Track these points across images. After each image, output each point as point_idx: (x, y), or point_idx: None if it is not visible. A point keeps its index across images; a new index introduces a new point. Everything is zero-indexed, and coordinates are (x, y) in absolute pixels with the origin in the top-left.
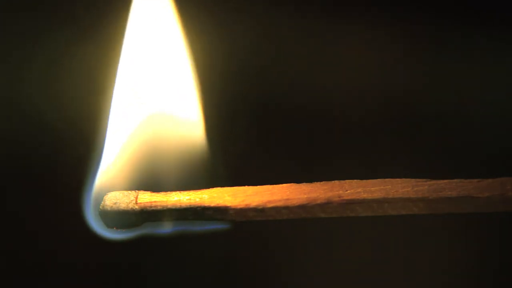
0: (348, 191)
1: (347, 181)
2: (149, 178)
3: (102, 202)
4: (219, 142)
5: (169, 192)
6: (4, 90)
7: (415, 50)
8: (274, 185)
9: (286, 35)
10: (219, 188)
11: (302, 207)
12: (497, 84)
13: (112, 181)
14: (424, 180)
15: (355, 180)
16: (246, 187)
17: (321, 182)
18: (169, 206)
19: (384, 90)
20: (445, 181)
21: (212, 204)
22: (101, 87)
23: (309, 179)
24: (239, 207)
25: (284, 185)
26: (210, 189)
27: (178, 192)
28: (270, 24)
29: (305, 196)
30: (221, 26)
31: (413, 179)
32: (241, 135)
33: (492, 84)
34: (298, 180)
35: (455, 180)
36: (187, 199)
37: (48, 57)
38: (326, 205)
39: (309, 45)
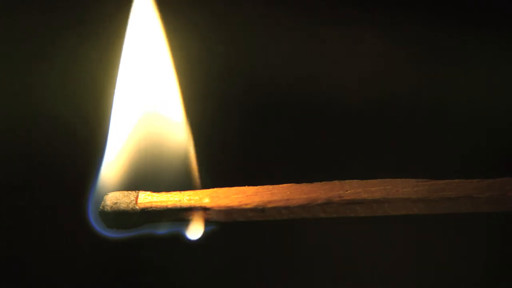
0: (348, 191)
1: (347, 181)
2: (146, 179)
3: (102, 202)
4: (218, 142)
5: (169, 192)
6: (7, 93)
7: (416, 50)
8: (274, 185)
9: (284, 35)
10: (219, 188)
11: (302, 207)
12: (497, 84)
13: (111, 181)
14: (424, 180)
15: (355, 180)
16: (246, 187)
17: (321, 182)
18: (169, 206)
19: (384, 90)
20: (445, 181)
21: (213, 204)
22: (102, 89)
23: (309, 179)
24: (239, 207)
25: (284, 185)
26: (210, 189)
27: (178, 192)
28: (266, 22)
29: (305, 196)
30: (212, 30)
31: (413, 179)
32: (240, 136)
33: (493, 85)
34: (298, 180)
35: (455, 180)
36: (187, 199)
37: (49, 61)
38: (326, 205)
39: (308, 45)
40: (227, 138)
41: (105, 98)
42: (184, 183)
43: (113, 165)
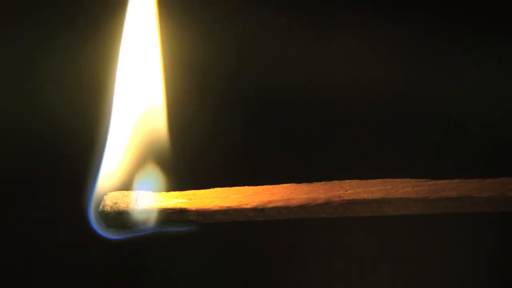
0: (348, 191)
1: (347, 181)
2: (144, 179)
3: (102, 202)
4: (218, 142)
5: (169, 192)
6: (4, 93)
7: (415, 51)
8: (274, 185)
9: (281, 34)
10: (219, 188)
11: (302, 207)
12: (497, 84)
13: (111, 181)
14: (424, 180)
15: (355, 180)
16: (246, 187)
17: (321, 182)
18: (169, 206)
19: (384, 90)
20: (445, 181)
21: (212, 204)
22: (102, 88)
23: (309, 179)
24: (239, 207)
25: (284, 185)
26: (210, 189)
27: (178, 192)
28: (260, 21)
29: (305, 196)
30: (211, 30)
31: (413, 179)
32: (241, 136)
33: (492, 84)
34: (298, 180)
35: (455, 180)
36: (187, 199)
37: (48, 61)
38: (326, 205)
39: (306, 44)
40: (226, 138)
41: (105, 97)
42: (180, 183)
43: (113, 165)
